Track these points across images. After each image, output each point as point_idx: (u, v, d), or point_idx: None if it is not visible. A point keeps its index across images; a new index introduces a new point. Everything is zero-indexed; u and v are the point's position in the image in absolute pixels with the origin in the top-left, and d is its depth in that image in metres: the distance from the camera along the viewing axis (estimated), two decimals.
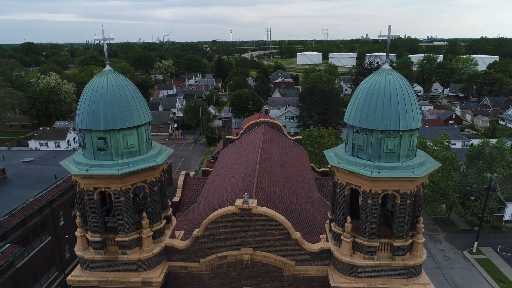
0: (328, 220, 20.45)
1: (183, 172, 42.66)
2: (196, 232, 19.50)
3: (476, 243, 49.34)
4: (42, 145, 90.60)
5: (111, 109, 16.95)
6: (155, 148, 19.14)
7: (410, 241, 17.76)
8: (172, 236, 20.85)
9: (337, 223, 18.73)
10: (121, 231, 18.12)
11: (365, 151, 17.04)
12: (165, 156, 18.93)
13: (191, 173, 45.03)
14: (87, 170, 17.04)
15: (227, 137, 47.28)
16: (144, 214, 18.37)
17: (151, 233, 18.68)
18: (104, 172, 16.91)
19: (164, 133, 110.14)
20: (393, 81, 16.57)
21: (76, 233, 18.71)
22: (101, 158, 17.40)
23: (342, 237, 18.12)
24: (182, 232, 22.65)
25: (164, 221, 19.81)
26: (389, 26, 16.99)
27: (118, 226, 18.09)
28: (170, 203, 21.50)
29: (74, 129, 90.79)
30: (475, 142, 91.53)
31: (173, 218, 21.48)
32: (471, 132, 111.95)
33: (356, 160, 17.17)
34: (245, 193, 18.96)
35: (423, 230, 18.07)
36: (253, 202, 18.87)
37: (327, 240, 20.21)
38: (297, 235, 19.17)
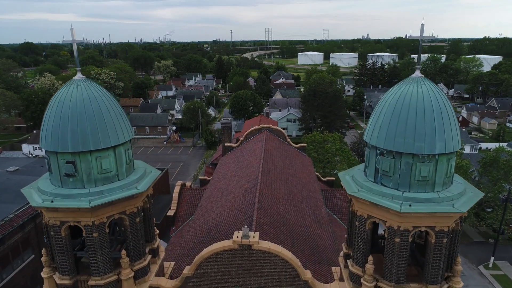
0: (343, 254, 17.33)
1: (179, 183, 39.65)
2: (186, 270, 16.42)
3: (492, 258, 46.18)
4: (36, 149, 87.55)
5: (81, 126, 13.88)
6: (138, 171, 16.05)
7: (446, 286, 14.65)
8: (160, 271, 17.75)
9: (355, 262, 15.61)
10: (95, 273, 15.01)
11: (391, 178, 13.93)
12: (150, 181, 15.85)
13: (188, 183, 42.06)
14: (52, 202, 13.96)
15: (226, 144, 44.19)
16: (124, 252, 15.26)
17: (132, 273, 15.57)
18: (71, 204, 13.81)
19: (162, 136, 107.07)
20: (427, 93, 13.46)
21: (42, 274, 15.63)
22: (69, 186, 14.32)
23: (362, 280, 15.01)
24: (172, 264, 19.57)
25: (149, 256, 16.71)
26: (422, 25, 13.88)
27: (92, 266, 14.99)
28: (154, 229, 18.39)
29: None
30: (484, 146, 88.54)
31: (161, 249, 18.36)
32: (478, 135, 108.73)
33: (380, 188, 14.06)
34: (245, 226, 15.82)
35: (461, 266, 14.99)
36: (254, 236, 15.79)
37: (340, 278, 17.10)
38: (308, 275, 16.08)
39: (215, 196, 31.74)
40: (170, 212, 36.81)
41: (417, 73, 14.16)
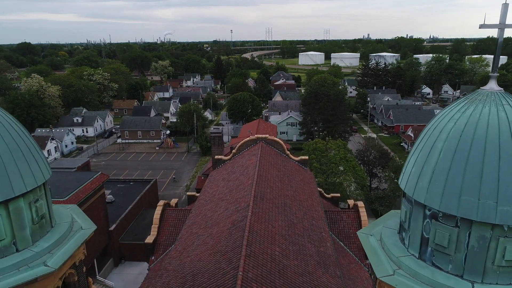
0: None
1: (161, 203, 34.25)
2: None
3: None
4: None
5: None
6: (57, 230, 10.60)
7: None
8: None
9: None
10: None
11: (451, 257, 8.47)
12: (73, 246, 10.40)
13: (173, 201, 36.62)
14: None
15: (216, 157, 38.80)
16: None
17: None
18: None
19: (155, 141, 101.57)
20: None
21: None
22: None
23: None
24: None
25: None
26: (505, 5, 8.42)
27: None
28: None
29: (53, 138, 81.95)
30: None
31: None
32: None
33: (433, 273, 8.60)
34: None
35: None
36: None
37: None
38: None
39: (198, 226, 26.30)
40: (149, 239, 31.48)
41: (493, 85, 8.69)
